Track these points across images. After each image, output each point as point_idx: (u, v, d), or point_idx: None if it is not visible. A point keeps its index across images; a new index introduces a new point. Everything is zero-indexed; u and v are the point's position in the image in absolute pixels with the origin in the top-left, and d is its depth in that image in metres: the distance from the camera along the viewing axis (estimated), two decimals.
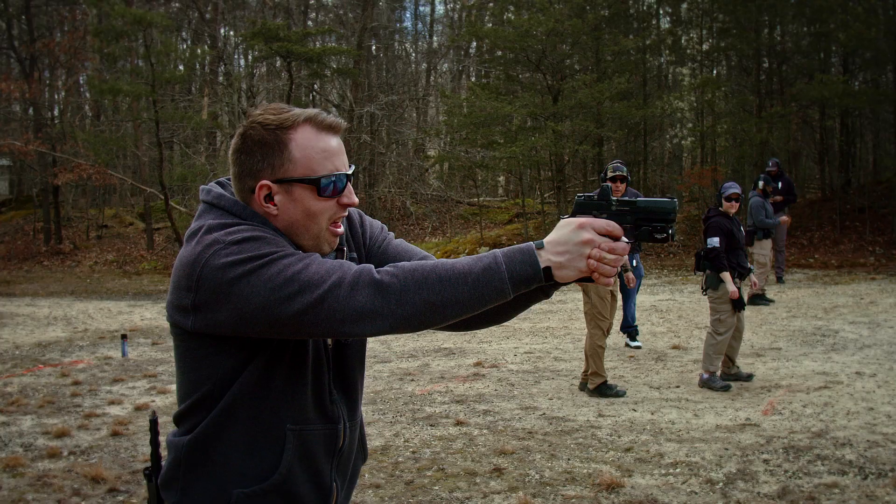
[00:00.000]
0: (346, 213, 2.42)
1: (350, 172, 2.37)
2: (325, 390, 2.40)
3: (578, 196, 2.32)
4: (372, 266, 2.17)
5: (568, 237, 2.19)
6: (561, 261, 2.17)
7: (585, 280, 2.25)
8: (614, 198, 2.32)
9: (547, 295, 2.37)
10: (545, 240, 2.22)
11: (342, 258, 2.45)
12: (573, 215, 2.27)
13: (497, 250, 2.19)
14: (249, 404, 2.28)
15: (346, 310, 2.11)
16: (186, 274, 2.19)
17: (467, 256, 2.20)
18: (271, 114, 2.32)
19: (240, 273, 2.12)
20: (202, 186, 2.44)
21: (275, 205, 2.30)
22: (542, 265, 2.16)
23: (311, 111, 2.34)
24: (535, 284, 2.18)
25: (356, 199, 2.39)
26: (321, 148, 2.31)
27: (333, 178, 2.31)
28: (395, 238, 2.66)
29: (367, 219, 2.65)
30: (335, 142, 2.35)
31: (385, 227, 2.69)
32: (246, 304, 2.12)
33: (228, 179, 2.45)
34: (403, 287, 2.12)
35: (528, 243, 2.20)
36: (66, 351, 13.47)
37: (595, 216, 2.28)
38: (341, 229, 2.40)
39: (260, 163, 2.29)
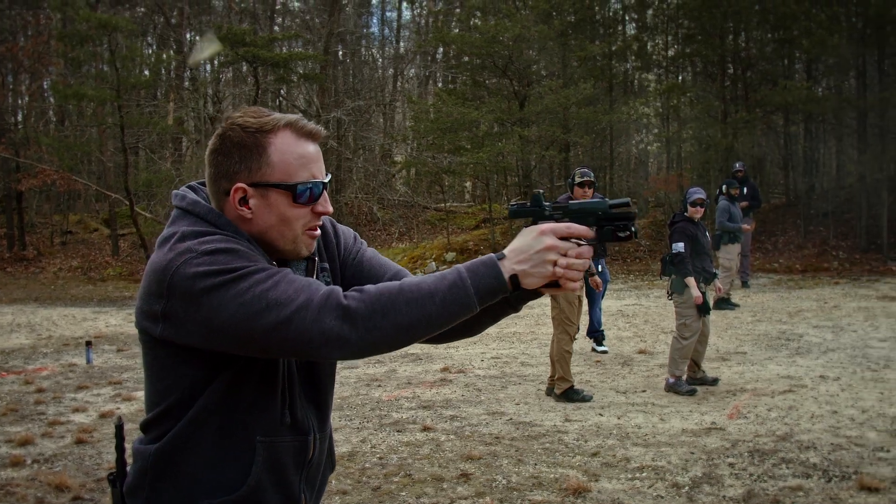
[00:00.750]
0: (321, 221, 2.39)
1: (327, 181, 2.35)
2: (296, 402, 2.37)
3: (511, 205, 2.32)
4: (340, 289, 2.14)
5: (530, 244, 2.18)
6: (525, 268, 2.16)
7: (552, 286, 2.24)
8: (547, 203, 2.32)
9: (516, 309, 2.37)
10: (506, 249, 2.21)
11: (313, 268, 2.44)
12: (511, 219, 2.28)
13: (460, 265, 2.18)
14: (219, 415, 2.25)
15: (313, 333, 2.08)
16: (157, 280, 2.16)
17: (431, 274, 2.18)
18: (251, 116, 2.29)
19: (210, 285, 2.09)
20: (175, 192, 2.40)
21: (249, 209, 2.28)
22: (507, 274, 2.15)
23: (291, 116, 2.32)
24: (501, 295, 2.17)
25: (331, 208, 2.37)
26: (300, 154, 2.29)
27: (310, 185, 2.29)
28: (367, 247, 2.65)
29: (340, 228, 2.63)
30: (314, 148, 2.33)
31: (358, 237, 2.67)
32: (215, 316, 2.10)
33: (200, 183, 2.43)
34: (371, 312, 2.09)
35: (490, 255, 2.19)
36: (29, 358, 13.34)
37: (528, 224, 2.28)
38: (318, 233, 2.38)
39: (237, 165, 2.27)
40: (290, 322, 2.08)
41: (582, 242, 2.24)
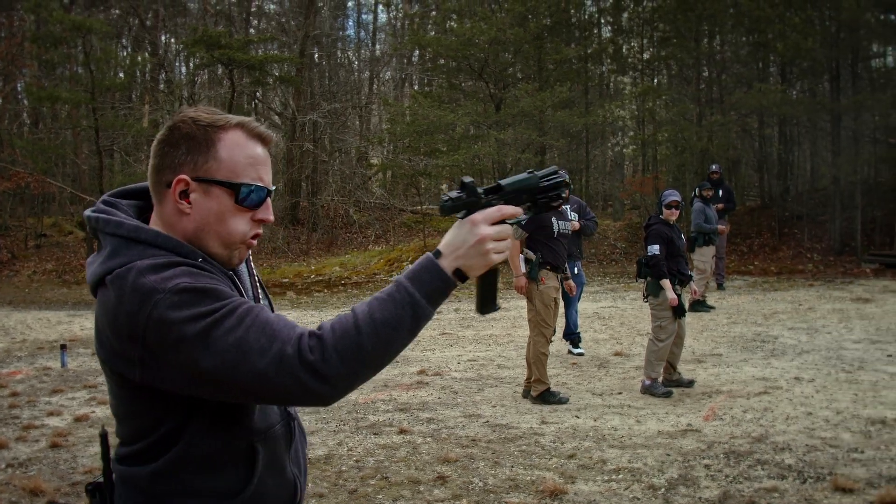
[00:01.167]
0: (261, 231, 2.34)
1: (272, 188, 2.31)
2: None
3: (443, 199, 2.28)
4: (305, 337, 2.08)
5: (465, 238, 2.17)
6: (465, 262, 2.16)
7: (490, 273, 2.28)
8: (480, 188, 2.30)
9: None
10: (441, 245, 2.19)
11: (251, 265, 2.47)
12: (443, 215, 2.28)
13: (401, 278, 2.15)
14: (213, 432, 2.21)
15: (291, 390, 2.05)
16: (127, 324, 2.07)
17: (377, 297, 2.14)
18: (204, 112, 2.26)
19: (185, 334, 2.03)
20: (91, 214, 2.31)
21: (189, 203, 2.23)
22: (450, 271, 2.14)
23: (244, 118, 2.29)
24: (451, 291, 2.15)
25: (272, 217, 2.34)
26: (248, 154, 2.26)
27: (253, 188, 2.25)
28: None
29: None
30: (263, 152, 2.30)
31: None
32: (193, 368, 2.04)
33: (112, 195, 2.38)
34: (340, 365, 2.05)
35: (426, 257, 2.17)
36: (3, 362, 13.24)
37: (466, 214, 2.25)
38: (255, 242, 2.34)
39: (183, 156, 2.22)
40: (265, 377, 2.04)
41: (511, 222, 2.25)
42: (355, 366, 2.07)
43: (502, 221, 2.22)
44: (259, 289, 2.51)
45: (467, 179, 2.30)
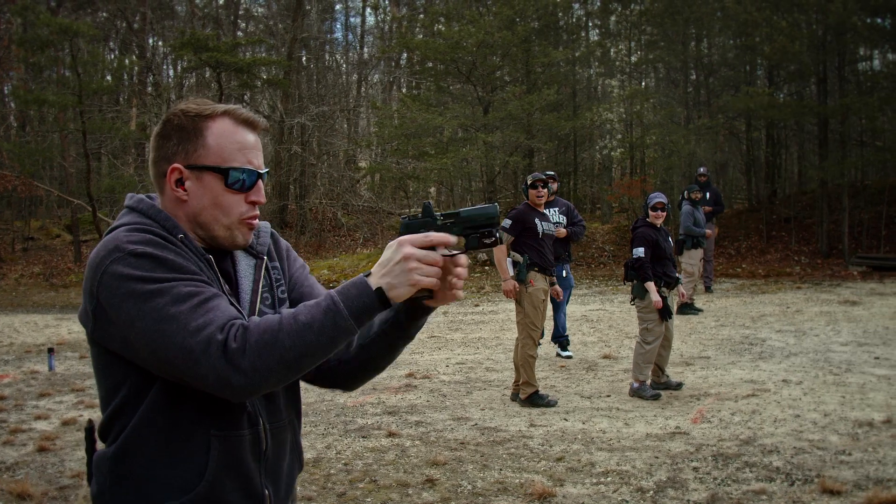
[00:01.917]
0: (257, 212, 2.42)
1: (263, 171, 2.41)
2: None
3: (403, 218, 2.36)
4: (236, 327, 2.13)
5: (389, 257, 2.21)
6: (389, 280, 2.18)
7: (425, 297, 2.30)
8: (438, 212, 2.34)
9: (409, 336, 2.46)
10: (374, 266, 2.24)
11: (261, 266, 2.48)
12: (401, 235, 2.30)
13: (332, 291, 2.21)
14: (168, 412, 2.25)
15: (208, 374, 2.10)
16: (90, 276, 2.22)
17: (307, 304, 2.19)
18: (193, 104, 2.38)
19: (130, 291, 2.13)
20: (129, 195, 2.45)
21: (185, 190, 2.34)
22: (374, 287, 2.17)
23: (232, 105, 2.40)
24: (376, 311, 2.18)
25: (263, 198, 2.42)
26: (236, 140, 2.36)
27: (243, 172, 2.35)
28: (300, 263, 2.69)
29: (294, 255, 2.68)
30: (252, 137, 2.40)
31: (306, 267, 2.70)
32: (131, 327, 2.13)
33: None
34: (254, 353, 2.09)
35: (360, 275, 2.22)
36: None
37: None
38: (255, 223, 2.43)
39: (175, 146, 2.35)
40: (192, 353, 2.09)
41: (451, 252, 2.29)
42: (270, 361, 2.11)
43: (434, 248, 2.24)
44: (262, 294, 2.49)
45: (427, 202, 2.38)
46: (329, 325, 2.13)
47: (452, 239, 2.28)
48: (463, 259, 2.30)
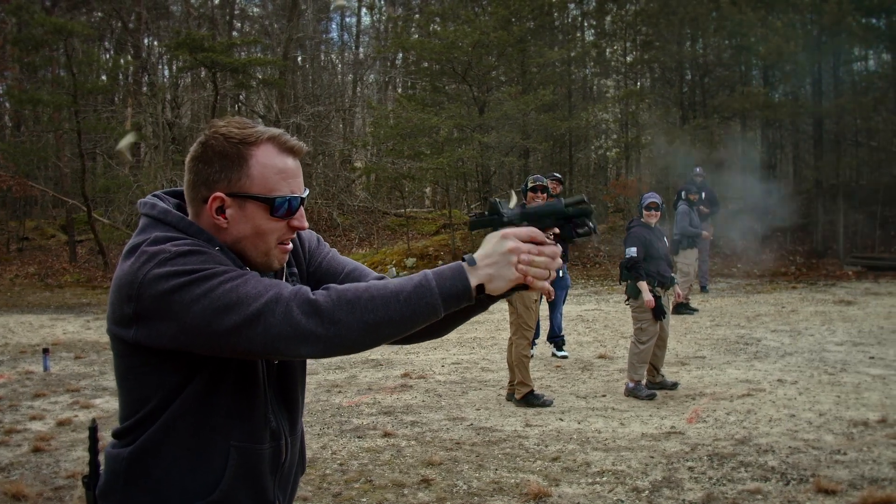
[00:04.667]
0: (294, 234, 2.40)
1: (304, 195, 2.37)
2: (269, 406, 2.37)
3: (470, 217, 2.37)
4: (308, 288, 2.15)
5: (493, 248, 2.19)
6: (490, 272, 2.17)
7: (521, 288, 2.26)
8: (505, 210, 2.35)
9: (484, 307, 2.37)
10: (476, 254, 2.22)
11: (282, 274, 2.45)
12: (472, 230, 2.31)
13: (428, 270, 2.19)
14: (192, 420, 2.25)
15: (282, 329, 2.08)
16: (128, 283, 2.16)
17: (399, 277, 2.19)
18: (235, 127, 2.30)
19: (178, 284, 2.10)
20: (142, 200, 2.40)
21: (225, 218, 2.29)
22: (474, 281, 2.16)
23: (275, 130, 2.34)
24: (465, 302, 2.17)
25: (306, 224, 2.39)
26: (280, 168, 2.30)
27: (288, 200, 2.31)
28: (328, 248, 2.66)
29: (303, 233, 2.63)
30: (294, 164, 2.35)
31: (321, 239, 2.69)
32: (185, 314, 2.10)
33: (167, 192, 2.44)
34: (337, 307, 2.10)
35: (457, 262, 2.20)
36: None
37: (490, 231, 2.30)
38: (290, 246, 2.39)
39: (217, 174, 2.28)
40: (259, 317, 2.08)
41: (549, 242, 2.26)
42: (352, 319, 2.10)
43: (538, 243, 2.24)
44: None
45: (494, 199, 2.38)
46: (416, 299, 2.12)
47: (542, 236, 2.26)
48: (556, 250, 2.26)
